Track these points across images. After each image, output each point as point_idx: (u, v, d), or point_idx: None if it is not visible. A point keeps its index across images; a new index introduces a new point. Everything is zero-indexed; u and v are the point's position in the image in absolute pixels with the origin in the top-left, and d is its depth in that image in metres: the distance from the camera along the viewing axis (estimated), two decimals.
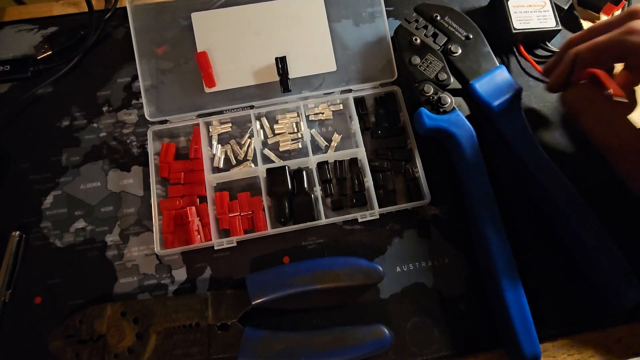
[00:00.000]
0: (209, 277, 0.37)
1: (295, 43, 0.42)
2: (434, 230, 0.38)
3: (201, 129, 0.39)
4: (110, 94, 0.42)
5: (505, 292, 0.33)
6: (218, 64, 0.41)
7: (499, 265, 0.34)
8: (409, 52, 0.40)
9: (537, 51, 0.45)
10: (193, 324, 0.33)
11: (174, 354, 0.32)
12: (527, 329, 0.32)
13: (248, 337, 0.32)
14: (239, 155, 0.40)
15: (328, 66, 0.42)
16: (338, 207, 0.39)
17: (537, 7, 0.43)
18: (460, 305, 0.36)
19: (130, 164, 0.40)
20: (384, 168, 0.39)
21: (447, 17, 0.41)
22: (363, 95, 0.42)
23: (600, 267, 0.34)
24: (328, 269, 0.34)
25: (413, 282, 0.37)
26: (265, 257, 0.37)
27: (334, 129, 0.42)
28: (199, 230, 0.37)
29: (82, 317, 0.33)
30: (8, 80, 0.42)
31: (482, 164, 0.37)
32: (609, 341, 0.36)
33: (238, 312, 0.33)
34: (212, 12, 0.42)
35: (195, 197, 0.38)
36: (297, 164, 0.39)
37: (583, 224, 0.35)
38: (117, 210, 0.38)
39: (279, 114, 0.42)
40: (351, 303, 0.36)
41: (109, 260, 0.37)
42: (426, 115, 0.38)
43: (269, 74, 0.41)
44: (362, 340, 0.32)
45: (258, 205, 0.38)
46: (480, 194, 0.36)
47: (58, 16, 0.45)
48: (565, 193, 0.36)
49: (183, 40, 0.41)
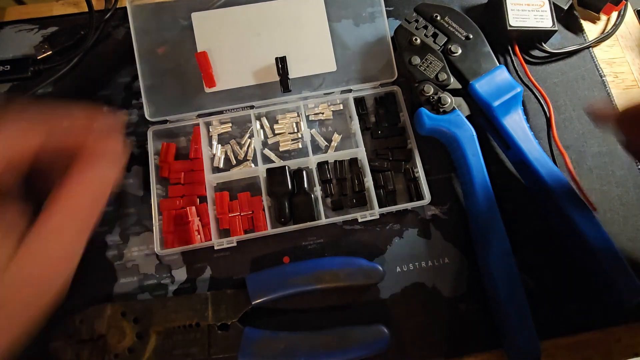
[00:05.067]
0: (209, 277, 0.37)
1: (295, 43, 0.42)
2: (434, 230, 0.38)
3: (201, 129, 0.39)
4: (110, 94, 0.42)
5: (505, 292, 0.33)
6: (218, 64, 0.41)
7: (499, 265, 0.34)
8: (409, 52, 0.40)
9: (534, 52, 0.45)
10: (193, 324, 0.33)
11: (174, 354, 0.32)
12: (527, 329, 0.32)
13: (248, 337, 0.32)
14: (239, 155, 0.40)
15: (328, 66, 0.42)
16: (338, 207, 0.39)
17: (535, 6, 0.43)
18: (460, 305, 0.36)
19: (130, 164, 0.40)
20: (384, 168, 0.39)
21: (447, 17, 0.41)
22: (363, 95, 0.42)
23: (600, 267, 0.34)
24: (328, 269, 0.34)
25: (413, 282, 0.37)
26: (265, 257, 0.37)
27: (334, 129, 0.42)
28: (199, 230, 0.37)
29: (82, 317, 0.33)
30: (8, 80, 0.42)
31: (482, 164, 0.37)
32: (609, 341, 0.36)
33: (238, 312, 0.33)
34: (212, 12, 0.42)
35: (195, 197, 0.38)
36: (297, 164, 0.39)
37: (583, 224, 0.35)
38: (117, 210, 0.38)
39: (279, 114, 0.42)
40: (351, 303, 0.36)
41: (109, 260, 0.37)
42: (426, 116, 0.38)
43: (269, 74, 0.41)
44: (362, 340, 0.32)
45: (258, 205, 0.38)
46: (480, 194, 0.36)
47: (58, 16, 0.45)
48: (565, 192, 0.36)
49: (183, 40, 0.41)
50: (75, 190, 0.22)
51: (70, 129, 0.23)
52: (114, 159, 0.23)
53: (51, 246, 0.22)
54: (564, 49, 0.45)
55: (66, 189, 0.22)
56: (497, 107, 0.38)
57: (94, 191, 0.23)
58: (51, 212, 0.22)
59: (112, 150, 0.23)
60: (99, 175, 0.23)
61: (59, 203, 0.22)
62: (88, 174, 0.22)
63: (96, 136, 0.23)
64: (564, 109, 0.43)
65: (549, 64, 0.45)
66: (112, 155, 0.23)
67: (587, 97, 0.44)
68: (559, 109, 0.43)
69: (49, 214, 0.22)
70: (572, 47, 0.45)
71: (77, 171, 0.22)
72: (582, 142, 0.42)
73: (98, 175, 0.23)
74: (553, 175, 0.36)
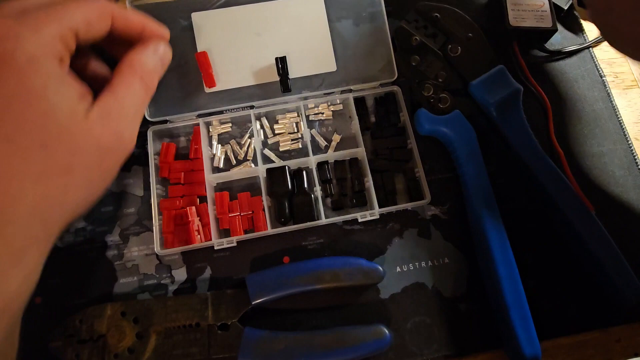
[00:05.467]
0: (209, 277, 0.37)
1: (295, 43, 0.42)
2: (434, 230, 0.38)
3: (201, 129, 0.39)
4: None
5: (505, 292, 0.33)
6: (218, 64, 0.41)
7: (499, 265, 0.34)
8: (409, 52, 0.40)
9: (534, 52, 0.45)
10: (193, 324, 0.33)
11: (174, 353, 0.32)
12: (527, 329, 0.32)
13: (248, 337, 0.32)
14: (239, 155, 0.40)
15: (328, 66, 0.42)
16: (338, 207, 0.39)
17: (535, 6, 0.43)
18: (460, 305, 0.36)
19: (130, 163, 0.40)
20: (384, 168, 0.39)
21: (447, 17, 0.41)
22: (363, 95, 0.42)
23: (601, 267, 0.34)
24: (328, 269, 0.34)
25: (413, 282, 0.37)
26: (265, 257, 0.37)
27: (334, 129, 0.42)
28: (199, 230, 0.37)
29: (82, 317, 0.33)
30: None
31: (482, 164, 0.37)
32: (609, 341, 0.36)
33: (238, 312, 0.33)
34: (212, 12, 0.42)
35: (195, 197, 0.38)
36: (297, 164, 0.39)
37: (583, 224, 0.35)
38: (117, 210, 0.38)
39: (279, 114, 0.42)
40: (351, 303, 0.36)
41: (109, 260, 0.37)
42: (426, 116, 0.38)
43: (269, 74, 0.41)
44: (362, 340, 0.32)
45: (258, 205, 0.38)
46: (480, 194, 0.36)
47: None
48: (565, 193, 0.36)
49: (183, 40, 0.41)
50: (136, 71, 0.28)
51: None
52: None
53: (125, 107, 0.27)
54: (564, 49, 0.45)
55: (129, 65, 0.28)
56: (496, 107, 0.38)
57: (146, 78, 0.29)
58: (122, 79, 0.27)
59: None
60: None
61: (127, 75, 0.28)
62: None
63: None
64: (564, 109, 0.43)
65: (549, 64, 0.45)
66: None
67: (587, 97, 0.44)
68: (558, 109, 0.43)
69: (120, 79, 0.27)
70: (572, 47, 0.45)
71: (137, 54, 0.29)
72: (582, 142, 0.42)
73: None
74: (552, 175, 0.36)
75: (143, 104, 0.29)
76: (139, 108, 0.28)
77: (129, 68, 0.28)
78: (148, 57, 0.29)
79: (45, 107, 0.23)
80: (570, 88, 0.44)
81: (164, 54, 0.31)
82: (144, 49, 0.29)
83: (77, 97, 0.24)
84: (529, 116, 0.42)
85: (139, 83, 0.28)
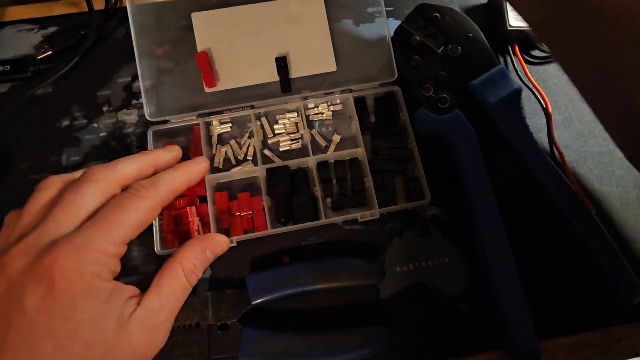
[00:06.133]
0: (208, 277, 0.37)
1: (295, 43, 0.42)
2: (434, 230, 0.38)
3: (201, 129, 0.39)
4: (110, 94, 0.42)
5: (504, 292, 0.33)
6: (218, 64, 0.41)
7: (499, 265, 0.34)
8: (409, 52, 0.40)
9: (534, 52, 0.45)
10: (193, 323, 0.33)
11: (174, 353, 0.32)
12: (527, 329, 0.32)
13: (248, 337, 0.32)
14: (239, 155, 0.40)
15: (328, 66, 0.42)
16: (338, 207, 0.39)
17: None
18: (460, 305, 0.36)
19: None
20: (384, 168, 0.39)
21: (447, 17, 0.40)
22: (363, 95, 0.42)
23: (600, 267, 0.34)
24: (328, 269, 0.34)
25: (413, 282, 0.37)
26: (265, 257, 0.37)
27: (334, 129, 0.42)
28: (199, 230, 0.37)
29: None
30: (8, 80, 0.42)
31: (482, 164, 0.37)
32: (609, 341, 0.36)
33: (238, 312, 0.33)
34: (212, 12, 0.42)
35: (195, 197, 0.38)
36: (297, 164, 0.39)
37: (583, 224, 0.35)
38: None
39: (279, 114, 0.42)
40: (351, 303, 0.36)
41: None
42: (426, 116, 0.38)
43: (269, 74, 0.41)
44: (362, 340, 0.32)
45: (258, 205, 0.38)
46: (480, 194, 0.36)
47: (58, 16, 0.45)
48: (565, 193, 0.36)
49: (183, 40, 0.41)
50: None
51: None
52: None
53: (166, 310, 0.29)
54: None
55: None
56: (496, 107, 0.38)
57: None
58: (168, 281, 0.29)
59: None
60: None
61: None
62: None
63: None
64: (564, 109, 0.43)
65: (549, 64, 0.45)
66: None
67: None
68: (558, 109, 0.43)
69: (167, 280, 0.29)
70: None
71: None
72: (582, 142, 0.42)
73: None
74: (552, 175, 0.36)
75: (180, 304, 0.30)
76: (176, 309, 0.29)
77: (175, 270, 0.29)
78: (197, 259, 0.30)
79: (95, 329, 0.25)
80: (570, 88, 0.44)
81: (215, 251, 0.33)
82: (191, 248, 0.31)
83: (123, 303, 0.27)
84: (529, 116, 0.42)
85: (183, 284, 0.29)
